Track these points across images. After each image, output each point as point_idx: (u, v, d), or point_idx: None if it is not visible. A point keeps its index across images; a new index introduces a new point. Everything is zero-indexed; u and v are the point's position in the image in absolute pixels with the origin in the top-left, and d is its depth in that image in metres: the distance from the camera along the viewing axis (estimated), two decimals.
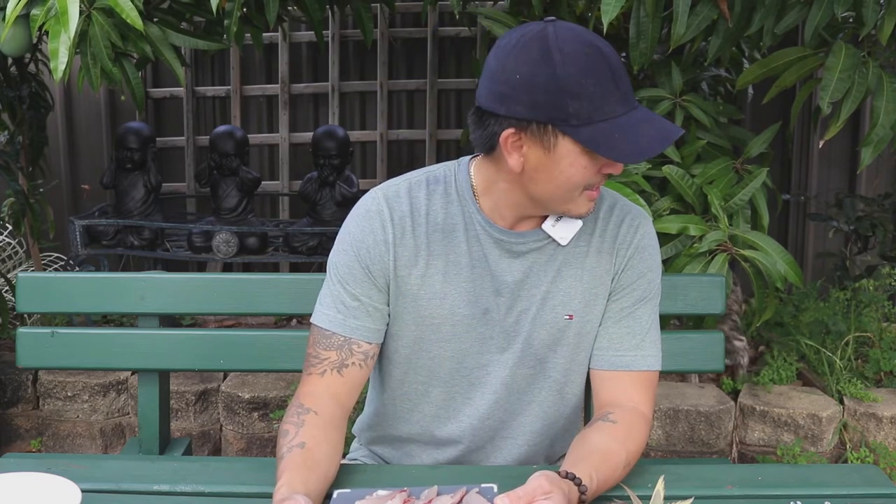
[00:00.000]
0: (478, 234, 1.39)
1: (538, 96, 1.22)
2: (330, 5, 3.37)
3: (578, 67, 1.21)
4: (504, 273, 1.40)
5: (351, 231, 1.41)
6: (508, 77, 1.23)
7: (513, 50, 1.24)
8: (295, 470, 1.24)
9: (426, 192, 1.40)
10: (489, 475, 1.39)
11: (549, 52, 1.21)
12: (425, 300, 1.40)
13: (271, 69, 4.22)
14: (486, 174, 1.37)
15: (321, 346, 1.40)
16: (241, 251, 3.65)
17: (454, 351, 1.43)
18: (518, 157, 1.28)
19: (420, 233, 1.39)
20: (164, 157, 4.15)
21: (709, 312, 1.96)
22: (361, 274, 1.39)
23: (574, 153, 1.25)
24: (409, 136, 4.20)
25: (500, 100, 1.25)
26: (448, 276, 1.39)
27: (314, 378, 1.39)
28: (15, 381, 3.18)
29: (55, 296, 1.91)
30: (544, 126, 1.24)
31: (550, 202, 1.33)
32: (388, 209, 1.39)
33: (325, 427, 1.33)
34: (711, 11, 2.37)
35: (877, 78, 2.36)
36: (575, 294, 1.41)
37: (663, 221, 2.42)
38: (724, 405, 2.98)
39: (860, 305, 3.40)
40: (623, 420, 1.37)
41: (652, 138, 1.24)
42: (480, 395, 1.47)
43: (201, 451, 3.16)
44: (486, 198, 1.38)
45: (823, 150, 3.94)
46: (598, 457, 1.29)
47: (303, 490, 1.20)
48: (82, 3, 2.13)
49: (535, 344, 1.43)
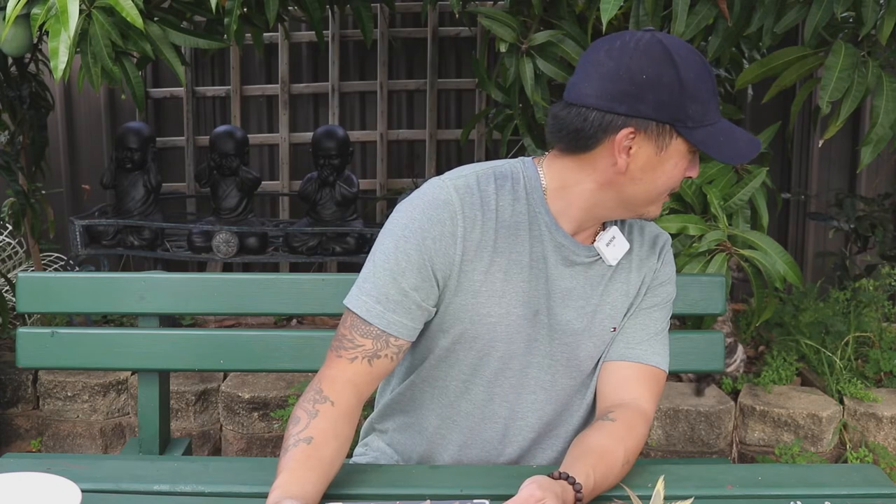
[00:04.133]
0: (541, 234, 1.38)
1: (665, 97, 1.26)
2: (330, 5, 3.37)
3: (696, 72, 1.27)
4: (558, 278, 1.40)
5: (416, 219, 1.34)
6: (634, 76, 1.26)
7: (634, 52, 1.27)
8: (295, 470, 1.24)
9: (495, 186, 1.38)
10: (489, 475, 1.39)
11: (671, 56, 1.27)
12: (485, 297, 1.38)
13: (271, 69, 4.22)
14: (565, 174, 1.37)
15: (358, 331, 1.35)
16: (241, 251, 3.65)
17: (503, 351, 1.42)
18: (626, 156, 1.30)
19: (489, 228, 1.36)
20: (164, 157, 4.15)
21: (709, 312, 1.96)
22: (420, 264, 1.34)
23: (680, 154, 1.31)
24: (409, 136, 4.20)
25: (621, 99, 1.27)
26: (509, 275, 1.38)
27: (343, 363, 1.35)
28: (15, 381, 3.18)
29: (55, 296, 1.91)
30: (663, 126, 1.28)
31: (640, 203, 1.36)
32: (458, 200, 1.35)
33: (336, 420, 1.31)
34: (711, 11, 2.37)
35: (876, 77, 2.36)
36: (620, 308, 1.45)
37: (663, 221, 2.42)
38: (724, 405, 2.98)
39: (860, 305, 3.40)
40: (622, 418, 1.39)
41: (746, 143, 1.32)
42: (520, 398, 1.46)
43: (201, 451, 3.16)
44: (558, 198, 1.38)
45: (823, 149, 3.94)
46: (595, 455, 1.30)
47: (299, 493, 1.19)
48: (82, 2, 2.13)
49: (580, 356, 1.45)
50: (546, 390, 1.46)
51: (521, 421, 1.47)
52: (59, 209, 4.03)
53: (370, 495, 1.32)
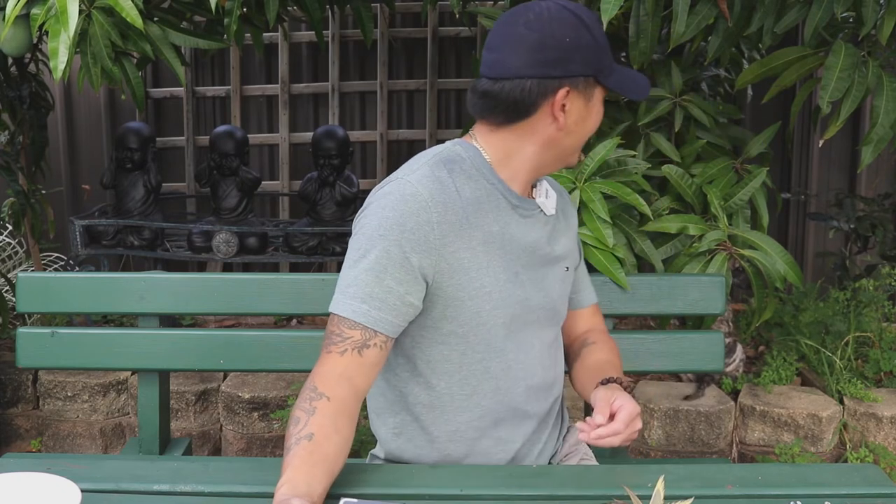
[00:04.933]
0: (499, 203, 1.47)
1: (588, 54, 1.42)
2: (330, 5, 3.37)
3: (599, 28, 1.45)
4: (522, 236, 1.50)
5: (389, 217, 1.39)
6: (559, 42, 1.40)
7: (550, 21, 1.41)
8: (300, 466, 1.24)
9: (447, 171, 1.45)
10: (490, 475, 1.39)
11: (582, 18, 1.42)
12: (475, 271, 1.44)
13: (271, 69, 4.22)
14: (507, 145, 1.48)
15: (345, 326, 1.38)
16: (241, 251, 3.65)
17: (504, 316, 1.48)
18: (562, 113, 1.43)
19: (457, 208, 1.42)
20: (164, 157, 4.15)
21: (709, 312, 1.96)
22: (401, 259, 1.38)
23: (600, 101, 1.48)
24: (409, 136, 4.20)
25: (553, 64, 1.40)
26: (487, 245, 1.45)
27: (333, 357, 1.37)
28: (15, 381, 3.18)
29: (55, 296, 1.91)
30: (589, 79, 1.43)
31: (572, 153, 1.51)
32: (425, 190, 1.41)
33: (335, 415, 1.32)
34: (711, 11, 2.37)
35: (876, 77, 2.36)
36: (567, 249, 1.61)
37: (663, 221, 2.42)
38: (724, 405, 2.98)
39: (860, 305, 3.40)
40: (599, 339, 1.70)
41: (641, 79, 1.50)
42: (529, 357, 1.54)
43: (201, 451, 3.16)
44: (505, 168, 1.49)
45: (823, 149, 3.94)
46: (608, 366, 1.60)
47: (305, 489, 1.20)
48: (82, 2, 2.13)
49: (553, 296, 1.57)
50: (540, 339, 1.56)
51: (534, 380, 1.56)
52: (59, 209, 4.03)
53: (370, 495, 1.32)
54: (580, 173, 2.27)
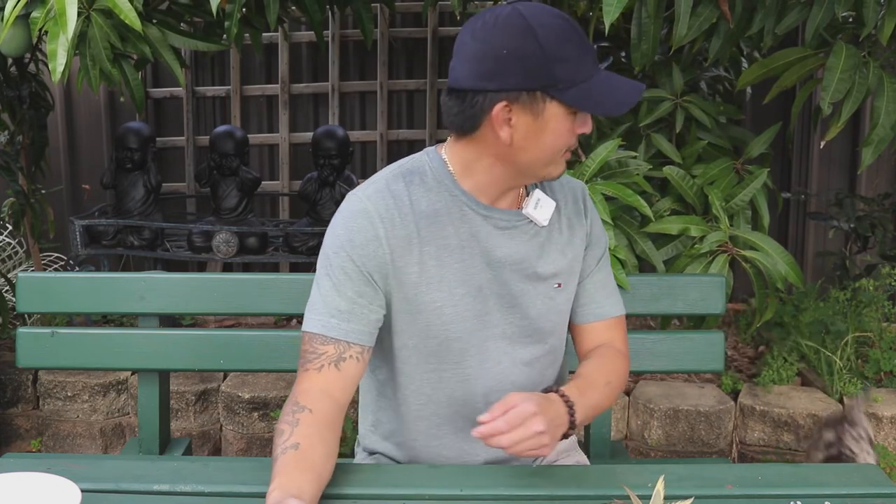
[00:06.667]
0: (464, 213, 1.43)
1: (529, 66, 1.30)
2: (330, 6, 3.36)
3: (557, 36, 1.31)
4: (494, 249, 1.45)
5: (339, 234, 1.42)
6: (496, 53, 1.31)
7: (494, 29, 1.32)
8: (288, 473, 1.24)
9: (404, 183, 1.43)
10: (490, 475, 1.39)
11: (531, 26, 1.30)
12: (425, 286, 1.43)
13: (271, 69, 4.22)
14: (466, 154, 1.42)
15: (317, 342, 1.40)
16: (241, 251, 3.65)
17: (460, 331, 1.45)
18: (508, 128, 1.34)
19: (408, 222, 1.41)
20: (164, 157, 4.15)
21: (709, 312, 1.96)
22: (356, 273, 1.40)
23: (559, 116, 1.34)
24: (409, 136, 4.20)
25: (489, 76, 1.32)
26: (441, 260, 1.43)
27: (311, 374, 1.39)
28: (15, 381, 3.18)
29: (55, 296, 1.91)
30: (534, 93, 1.32)
31: (535, 167, 1.40)
32: (372, 206, 1.41)
33: (319, 426, 1.33)
34: (713, 12, 2.37)
35: (877, 78, 2.36)
36: (561, 266, 1.51)
37: (664, 222, 2.42)
38: (724, 405, 2.98)
39: (860, 305, 3.40)
40: (595, 353, 1.54)
41: (626, 92, 1.35)
42: (489, 372, 1.49)
43: (201, 451, 3.16)
44: (467, 178, 1.43)
45: (823, 150, 3.94)
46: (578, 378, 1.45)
47: (296, 492, 1.20)
48: (81, 4, 2.13)
49: (531, 314, 1.49)
50: (509, 355, 1.50)
51: (499, 394, 1.47)
52: (59, 209, 4.02)
53: (370, 495, 1.32)
54: (581, 174, 2.27)
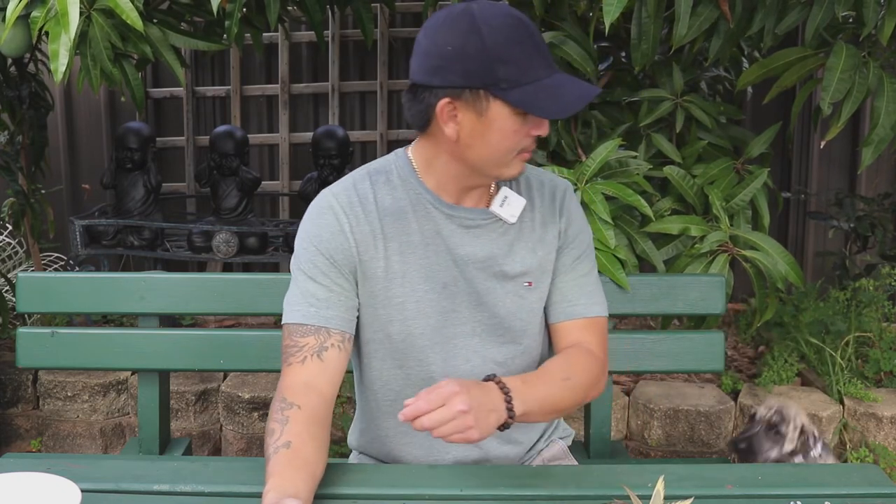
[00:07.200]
0: (428, 211, 1.45)
1: (470, 65, 1.31)
2: (330, 5, 3.36)
3: (505, 36, 1.31)
4: (459, 246, 1.46)
5: (308, 230, 1.46)
6: (441, 51, 1.33)
7: (441, 27, 1.34)
8: (282, 472, 1.25)
9: (370, 182, 1.47)
10: (490, 475, 1.39)
11: (477, 25, 1.31)
12: (389, 280, 1.45)
13: (271, 69, 4.22)
14: (426, 152, 1.45)
15: (298, 334, 1.41)
16: (241, 251, 3.65)
17: (423, 327, 1.47)
18: (454, 125, 1.36)
19: (372, 219, 1.44)
20: (164, 157, 4.15)
21: (709, 312, 1.96)
22: (327, 265, 1.43)
23: (504, 115, 1.34)
24: (409, 136, 4.19)
25: (434, 72, 1.34)
26: (405, 256, 1.45)
27: (294, 368, 1.40)
28: (15, 381, 3.18)
29: (55, 296, 1.91)
30: (477, 92, 1.32)
31: (487, 167, 1.40)
32: (337, 202, 1.45)
33: (308, 423, 1.34)
34: (713, 12, 2.36)
35: (877, 78, 2.36)
36: (532, 264, 1.50)
37: (664, 222, 2.42)
38: (724, 405, 2.98)
39: (860, 305, 3.40)
40: (565, 352, 1.50)
41: (574, 97, 1.34)
42: (457, 369, 1.49)
43: (201, 451, 3.16)
44: (429, 175, 1.45)
45: (823, 149, 3.94)
46: (531, 372, 1.45)
47: (292, 492, 1.21)
48: (82, 4, 2.13)
49: (501, 313, 1.49)
50: (479, 354, 1.49)
51: None
52: (59, 209, 4.02)
53: (370, 495, 1.32)
54: (581, 174, 2.27)
